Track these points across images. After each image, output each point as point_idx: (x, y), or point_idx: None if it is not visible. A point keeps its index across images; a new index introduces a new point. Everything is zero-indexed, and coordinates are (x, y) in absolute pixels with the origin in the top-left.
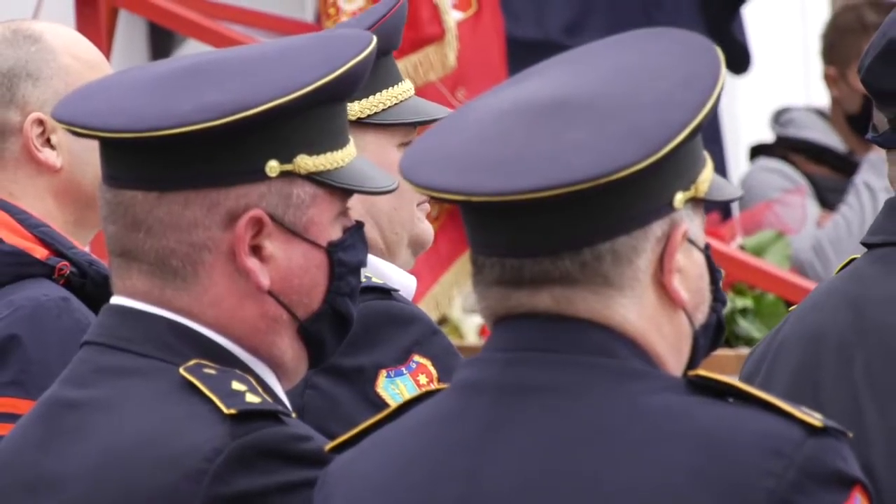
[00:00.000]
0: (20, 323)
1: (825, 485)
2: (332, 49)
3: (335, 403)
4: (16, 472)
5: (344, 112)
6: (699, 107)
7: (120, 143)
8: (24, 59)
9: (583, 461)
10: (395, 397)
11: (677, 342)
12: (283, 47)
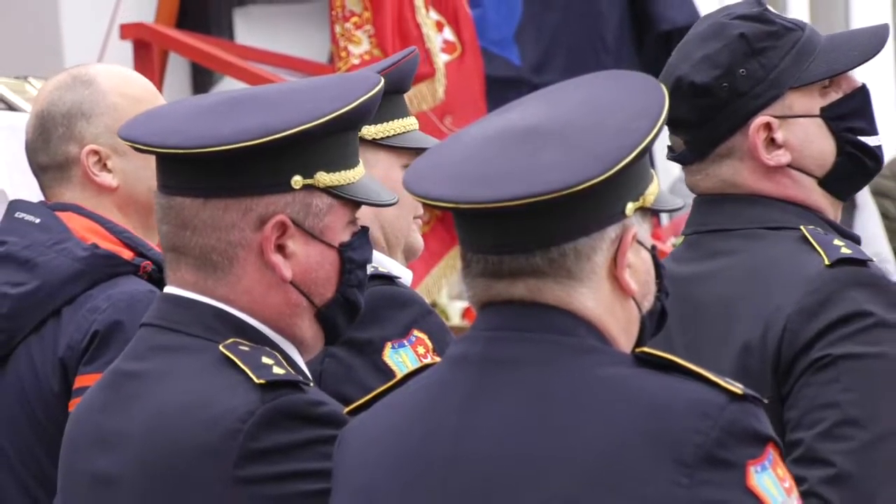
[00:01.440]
0: (121, 312)
1: (743, 441)
2: (348, 87)
3: (349, 370)
4: (86, 430)
5: (355, 139)
6: (646, 134)
7: (174, 158)
8: (80, 101)
9: (548, 420)
10: (399, 365)
11: (628, 325)
12: (308, 85)
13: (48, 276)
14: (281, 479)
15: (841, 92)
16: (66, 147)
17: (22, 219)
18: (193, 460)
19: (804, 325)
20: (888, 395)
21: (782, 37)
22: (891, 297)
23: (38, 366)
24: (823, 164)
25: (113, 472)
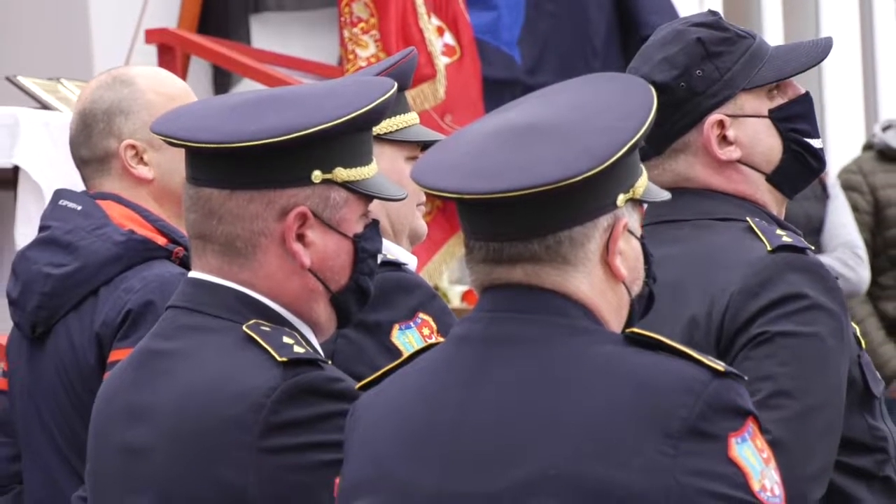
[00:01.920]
0: (153, 293)
1: (724, 414)
2: (364, 90)
3: (360, 349)
4: (116, 404)
5: (370, 138)
6: (636, 132)
7: (203, 152)
8: (119, 100)
9: (544, 394)
10: (406, 345)
11: (618, 307)
12: (327, 87)
13: (88, 259)
14: (301, 450)
15: (787, 97)
16: (106, 142)
17: (65, 206)
18: (220, 432)
19: (745, 304)
20: (819, 371)
21: (735, 43)
22: (826, 282)
23: (76, 340)
24: (771, 161)
25: (142, 444)
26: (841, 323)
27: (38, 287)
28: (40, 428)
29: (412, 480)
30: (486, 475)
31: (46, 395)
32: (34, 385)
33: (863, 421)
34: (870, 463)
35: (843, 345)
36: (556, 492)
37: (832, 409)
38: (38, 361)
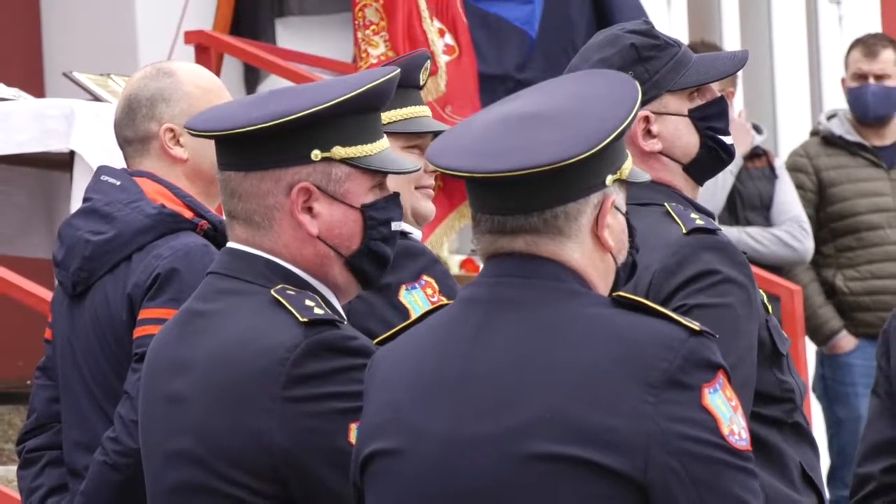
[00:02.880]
0: (178, 260)
1: (699, 368)
2: (359, 79)
3: (371, 307)
4: (162, 359)
5: (375, 118)
6: (623, 120)
7: (218, 139)
8: (161, 89)
9: (541, 348)
10: (412, 303)
11: (606, 274)
12: (338, 79)
13: (123, 228)
14: (319, 399)
15: (705, 99)
16: (148, 125)
17: (106, 181)
18: (249, 383)
19: (665, 281)
20: (732, 336)
21: (664, 50)
22: (735, 259)
23: (111, 300)
24: (688, 154)
25: (182, 393)
26: (749, 294)
27: (80, 251)
28: (77, 374)
29: (425, 424)
30: (489, 419)
31: (83, 345)
32: (73, 336)
33: (772, 376)
34: (780, 412)
35: (752, 312)
36: (550, 433)
37: (746, 366)
38: (77, 316)
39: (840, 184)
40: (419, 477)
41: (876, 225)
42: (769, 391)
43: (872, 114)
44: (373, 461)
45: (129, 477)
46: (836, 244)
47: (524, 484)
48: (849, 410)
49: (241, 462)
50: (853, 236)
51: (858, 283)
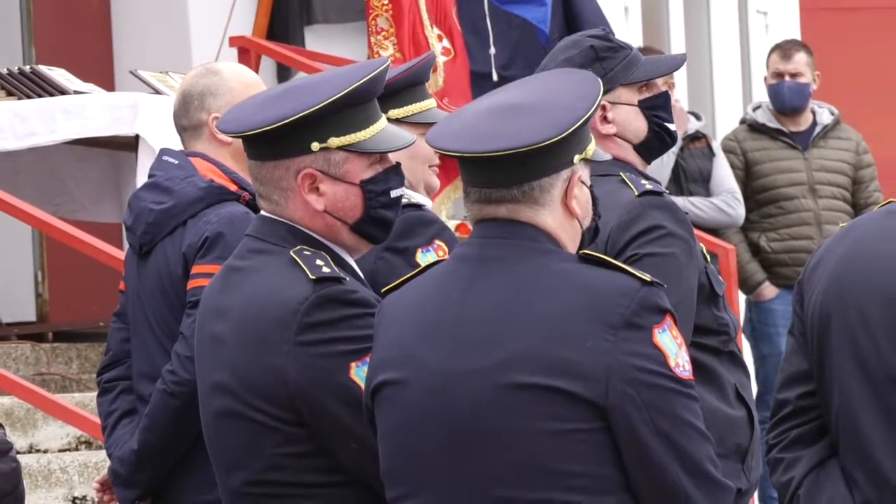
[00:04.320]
0: (224, 225)
1: (650, 312)
2: (349, 77)
3: (392, 267)
4: (208, 306)
5: (367, 107)
6: (587, 110)
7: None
8: (209, 84)
9: (520, 297)
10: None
11: (574, 236)
12: (331, 76)
13: (180, 199)
14: (325, 343)
15: (651, 92)
16: (199, 114)
17: (166, 160)
18: (270, 329)
19: (621, 235)
20: (675, 279)
21: (618, 51)
22: (677, 216)
23: (170, 258)
24: (638, 136)
25: (222, 334)
26: (689, 245)
27: (145, 218)
28: (144, 318)
29: (425, 358)
30: (478, 355)
31: (148, 295)
32: (141, 287)
33: (710, 312)
34: (717, 342)
35: (692, 260)
36: (528, 366)
37: (687, 304)
38: (143, 271)
39: (763, 163)
40: (420, 401)
41: (792, 196)
42: (708, 325)
43: (789, 106)
44: (381, 389)
45: (184, 403)
46: (760, 212)
47: (507, 407)
48: (771, 347)
49: (264, 394)
50: (774, 205)
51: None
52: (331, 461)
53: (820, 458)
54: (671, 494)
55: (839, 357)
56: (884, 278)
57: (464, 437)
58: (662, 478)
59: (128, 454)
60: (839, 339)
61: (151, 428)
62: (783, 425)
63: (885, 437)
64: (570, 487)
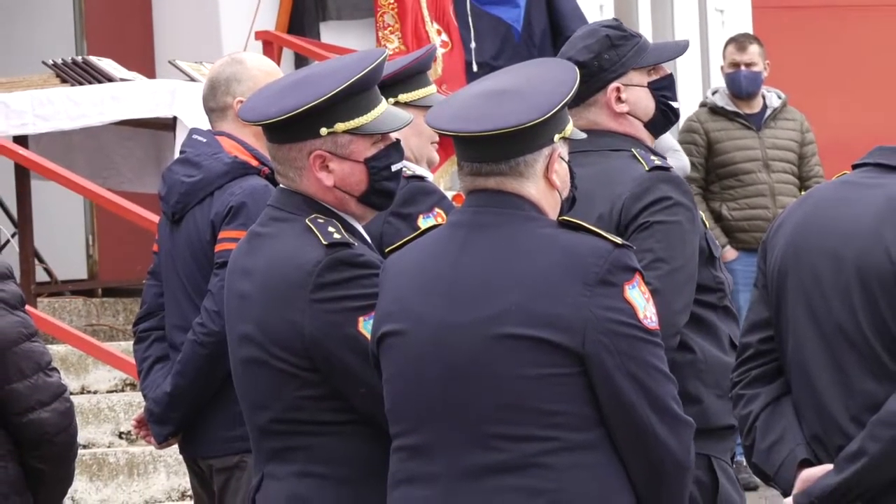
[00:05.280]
0: (247, 196)
1: (622, 271)
2: (350, 70)
3: (398, 230)
4: (235, 266)
5: (369, 95)
6: (566, 95)
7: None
8: (234, 72)
9: (507, 258)
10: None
11: (554, 205)
12: (335, 66)
13: (207, 173)
14: (336, 300)
15: (659, 75)
16: (225, 98)
17: (195, 138)
18: (288, 288)
19: (633, 205)
20: (680, 244)
21: (630, 39)
22: (683, 188)
23: (199, 224)
24: (648, 114)
25: (247, 291)
26: (693, 214)
27: (177, 189)
28: (176, 276)
29: (424, 312)
30: (471, 308)
31: (180, 256)
32: (173, 250)
33: (709, 272)
34: (715, 298)
35: (695, 227)
36: (515, 319)
37: (690, 267)
38: (176, 236)
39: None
40: (419, 350)
41: (749, 170)
42: (707, 283)
43: (745, 92)
44: (385, 339)
45: (212, 351)
46: (720, 184)
47: (496, 355)
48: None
49: (284, 344)
50: (734, 178)
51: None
52: (343, 402)
53: (775, 396)
54: (640, 429)
55: (794, 309)
56: (834, 241)
57: (457, 380)
58: (632, 415)
59: (162, 396)
60: (795, 294)
61: (183, 373)
62: (745, 366)
63: (831, 380)
64: (551, 424)
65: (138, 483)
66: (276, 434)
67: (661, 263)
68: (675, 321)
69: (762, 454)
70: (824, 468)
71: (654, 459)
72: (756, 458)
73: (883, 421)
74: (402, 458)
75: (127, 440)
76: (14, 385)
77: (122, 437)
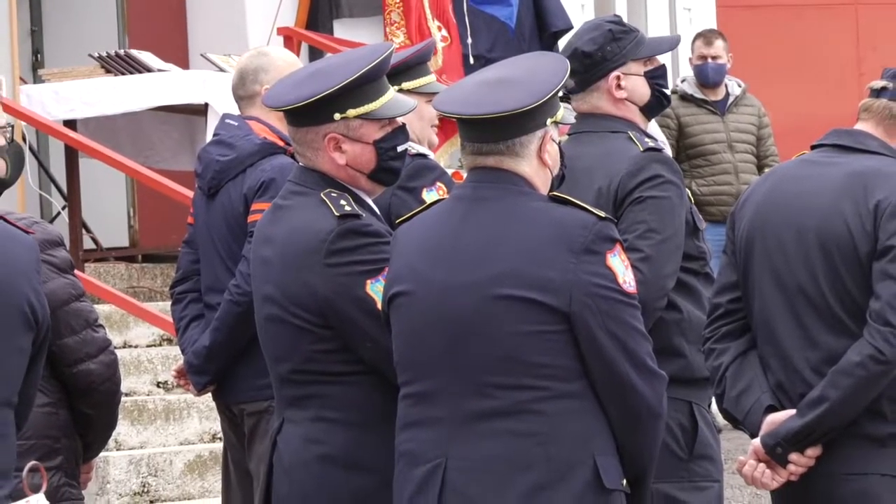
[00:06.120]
0: (275, 173)
1: (604, 241)
2: (359, 62)
3: (404, 202)
4: (261, 234)
5: (378, 84)
6: (557, 84)
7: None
8: (260, 63)
9: (504, 228)
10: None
11: (545, 182)
12: (347, 58)
13: (240, 152)
14: (346, 265)
15: (654, 65)
16: (254, 86)
17: (228, 122)
18: (305, 254)
19: (629, 181)
20: (670, 217)
21: (630, 33)
22: (672, 167)
23: (233, 198)
24: (643, 100)
25: (269, 257)
26: (681, 190)
27: (212, 167)
28: (211, 245)
29: (429, 275)
30: (471, 272)
31: (215, 226)
32: (208, 221)
33: (693, 242)
34: (697, 266)
35: (682, 202)
36: (510, 282)
37: (677, 237)
38: (211, 208)
39: (691, 125)
40: (425, 308)
41: (715, 151)
42: (691, 252)
43: (711, 81)
44: (395, 298)
45: (245, 310)
46: (690, 163)
47: (493, 313)
48: None
49: (300, 303)
50: (702, 158)
51: (705, 188)
52: (352, 356)
53: (743, 350)
54: (618, 380)
55: (760, 273)
56: (797, 213)
57: (458, 335)
58: (612, 368)
59: (200, 349)
60: (760, 259)
61: (220, 328)
62: (716, 323)
63: (793, 335)
64: (541, 375)
65: (174, 427)
66: (293, 383)
67: (653, 233)
68: (665, 284)
69: (732, 401)
70: (788, 413)
71: (631, 407)
72: (726, 404)
73: (842, 370)
74: (408, 404)
75: (164, 389)
76: (65, 340)
77: (160, 386)
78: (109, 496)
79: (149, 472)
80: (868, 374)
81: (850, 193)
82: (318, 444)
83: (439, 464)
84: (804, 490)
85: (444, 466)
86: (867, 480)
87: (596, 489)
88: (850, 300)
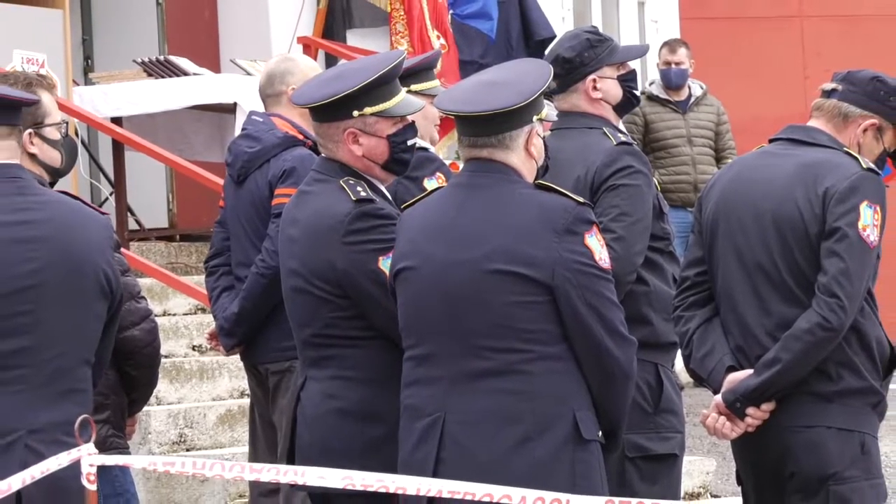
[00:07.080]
0: (296, 162)
1: (582, 223)
2: (376, 66)
3: (408, 189)
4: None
5: (391, 85)
6: (542, 86)
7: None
8: (287, 67)
9: (495, 212)
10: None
11: (532, 172)
12: (366, 64)
13: (265, 144)
14: (361, 243)
15: (626, 70)
16: (280, 87)
17: (254, 118)
18: (326, 233)
19: (604, 171)
20: (640, 202)
21: (605, 42)
22: (642, 159)
23: (259, 184)
24: (616, 99)
25: (295, 236)
26: (649, 179)
27: (241, 158)
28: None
29: (430, 252)
30: (467, 250)
31: (243, 209)
32: (238, 205)
33: (658, 225)
34: (662, 245)
35: (650, 189)
36: (502, 258)
37: (646, 220)
38: (239, 194)
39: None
40: (427, 281)
41: (676, 145)
42: (657, 233)
43: (674, 84)
44: (400, 273)
45: (270, 281)
46: (654, 155)
47: (487, 285)
48: None
49: (321, 276)
50: (664, 151)
51: (666, 177)
52: (366, 322)
53: (707, 317)
54: (594, 344)
55: (723, 249)
56: (756, 197)
57: (455, 305)
58: (589, 333)
59: (230, 315)
60: (724, 238)
61: (248, 297)
62: (684, 294)
63: (751, 304)
64: (528, 339)
65: (207, 385)
66: (315, 346)
67: (625, 217)
68: (634, 261)
69: (697, 362)
70: (746, 372)
71: (606, 368)
72: (693, 364)
73: (793, 335)
74: (412, 366)
75: (199, 352)
76: None
77: (195, 350)
78: (151, 445)
79: (185, 424)
80: (816, 339)
81: (803, 181)
82: (335, 399)
83: (439, 417)
84: (760, 440)
85: (443, 419)
86: (815, 432)
87: (575, 439)
88: (801, 274)
